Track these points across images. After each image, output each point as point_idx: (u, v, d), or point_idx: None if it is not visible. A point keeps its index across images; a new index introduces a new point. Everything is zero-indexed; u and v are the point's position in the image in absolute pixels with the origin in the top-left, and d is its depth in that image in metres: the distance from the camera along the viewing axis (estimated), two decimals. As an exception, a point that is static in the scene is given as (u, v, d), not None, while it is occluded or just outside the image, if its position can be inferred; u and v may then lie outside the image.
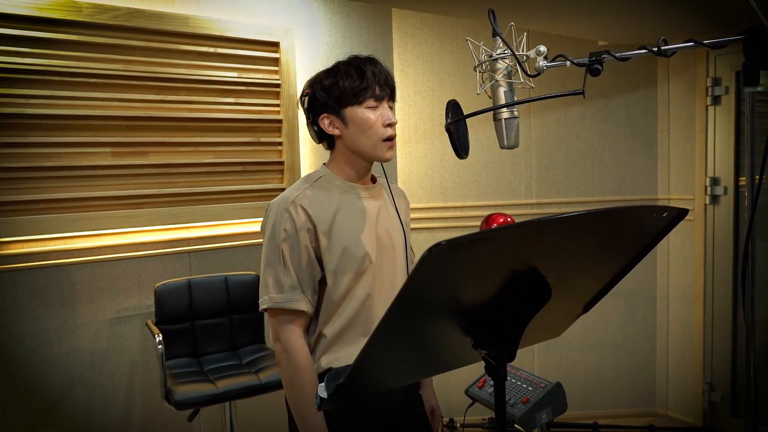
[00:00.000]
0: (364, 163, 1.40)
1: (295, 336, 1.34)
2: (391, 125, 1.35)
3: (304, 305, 1.33)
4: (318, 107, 1.37)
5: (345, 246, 1.34)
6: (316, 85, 1.37)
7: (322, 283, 1.37)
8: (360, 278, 1.36)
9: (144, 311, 2.41)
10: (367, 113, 1.33)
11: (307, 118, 1.40)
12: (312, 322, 1.40)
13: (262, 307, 1.35)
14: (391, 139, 1.36)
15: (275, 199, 1.38)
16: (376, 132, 1.34)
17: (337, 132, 1.37)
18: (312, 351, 1.39)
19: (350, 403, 1.37)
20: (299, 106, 1.43)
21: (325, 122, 1.37)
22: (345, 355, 1.37)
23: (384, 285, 1.40)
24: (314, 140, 1.42)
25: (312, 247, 1.33)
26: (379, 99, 1.34)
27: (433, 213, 3.13)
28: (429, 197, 3.13)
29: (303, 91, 1.41)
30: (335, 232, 1.34)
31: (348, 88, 1.32)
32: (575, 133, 3.20)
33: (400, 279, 1.45)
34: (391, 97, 1.38)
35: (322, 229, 1.33)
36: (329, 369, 1.36)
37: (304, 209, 1.32)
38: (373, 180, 1.48)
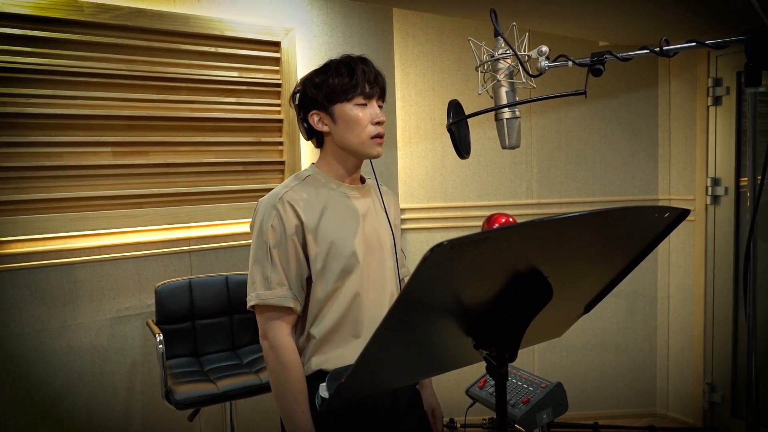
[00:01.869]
0: (353, 161, 1.41)
1: (282, 333, 1.34)
2: (380, 123, 1.37)
3: (291, 302, 1.33)
4: (308, 104, 1.39)
5: (331, 244, 1.34)
6: (307, 82, 1.40)
7: (310, 281, 1.37)
8: (347, 277, 1.36)
9: (144, 311, 2.41)
10: (356, 110, 1.35)
11: (298, 115, 1.43)
12: (299, 322, 1.40)
13: (249, 304, 1.35)
14: (379, 136, 1.37)
15: (264, 197, 1.39)
16: (364, 129, 1.35)
17: (326, 129, 1.39)
18: (301, 352, 1.38)
19: (351, 403, 1.37)
20: (291, 103, 1.45)
21: (314, 119, 1.39)
22: (335, 356, 1.36)
23: (372, 285, 1.40)
24: (304, 137, 1.44)
25: (299, 244, 1.34)
26: (368, 97, 1.36)
27: (434, 213, 3.13)
28: (430, 197, 3.13)
29: (295, 89, 1.44)
30: (322, 230, 1.34)
31: (337, 85, 1.35)
32: (576, 133, 3.19)
33: (389, 279, 1.44)
34: (381, 96, 1.40)
35: (309, 227, 1.33)
36: (319, 371, 1.36)
37: (291, 207, 1.33)
38: (362, 180, 1.49)
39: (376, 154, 1.38)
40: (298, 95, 1.42)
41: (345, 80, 1.34)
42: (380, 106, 1.40)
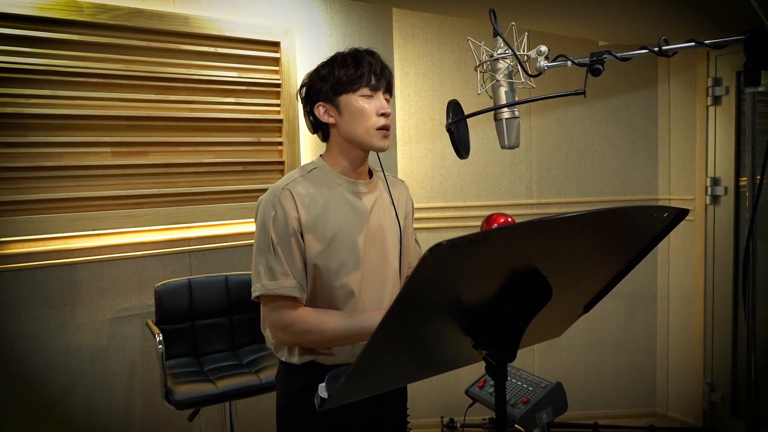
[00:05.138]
0: (359, 154, 1.40)
1: (290, 311, 1.33)
2: (385, 114, 1.36)
3: (298, 292, 1.33)
4: (314, 96, 1.39)
5: (329, 242, 1.34)
6: (313, 74, 1.40)
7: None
8: (343, 276, 1.35)
9: (144, 311, 2.41)
10: (362, 102, 1.34)
11: (304, 108, 1.43)
12: None
13: (254, 294, 1.35)
14: (385, 128, 1.36)
15: (267, 190, 1.39)
16: (369, 120, 1.35)
17: (331, 120, 1.38)
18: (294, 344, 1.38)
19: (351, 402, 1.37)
20: (298, 97, 1.45)
21: (320, 110, 1.38)
22: (329, 351, 1.37)
23: (371, 282, 1.40)
24: (309, 130, 1.44)
25: (299, 235, 1.33)
26: (374, 89, 1.36)
27: (434, 213, 3.13)
28: (429, 197, 3.13)
29: (302, 82, 1.44)
30: (321, 227, 1.34)
31: (343, 76, 1.34)
32: (576, 133, 3.19)
33: (390, 273, 1.44)
34: (387, 90, 1.40)
35: (307, 223, 1.33)
36: (311, 362, 1.37)
37: (293, 198, 1.33)
38: (370, 174, 1.48)
39: (382, 146, 1.36)
40: (304, 88, 1.42)
41: (351, 71, 1.34)
42: (387, 100, 1.39)
